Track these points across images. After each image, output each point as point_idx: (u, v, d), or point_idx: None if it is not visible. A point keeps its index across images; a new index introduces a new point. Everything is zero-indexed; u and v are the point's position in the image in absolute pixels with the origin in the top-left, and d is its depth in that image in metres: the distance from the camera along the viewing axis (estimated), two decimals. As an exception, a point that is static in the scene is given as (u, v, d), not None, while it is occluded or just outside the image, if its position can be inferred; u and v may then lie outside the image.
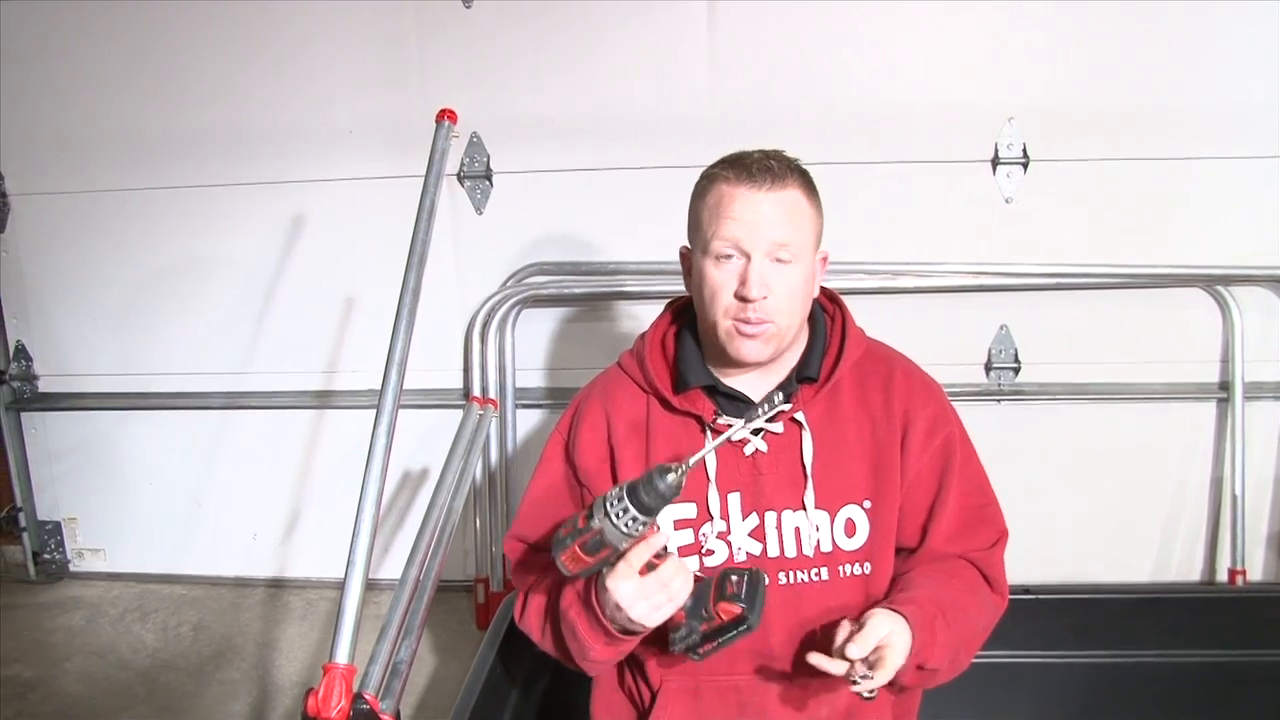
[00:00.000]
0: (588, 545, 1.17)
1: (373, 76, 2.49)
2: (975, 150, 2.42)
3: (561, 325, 2.61)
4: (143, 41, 2.53)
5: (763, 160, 1.34)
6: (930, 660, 1.30)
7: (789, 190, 1.33)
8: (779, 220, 1.32)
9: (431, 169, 1.69)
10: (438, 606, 2.67)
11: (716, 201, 1.35)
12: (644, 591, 1.21)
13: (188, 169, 2.60)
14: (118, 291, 2.72)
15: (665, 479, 1.13)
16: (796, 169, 1.37)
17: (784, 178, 1.33)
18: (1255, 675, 2.05)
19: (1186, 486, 2.56)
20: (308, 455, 2.76)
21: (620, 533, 1.15)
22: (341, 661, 1.31)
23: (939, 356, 2.46)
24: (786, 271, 1.34)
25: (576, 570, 1.20)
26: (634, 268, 2.49)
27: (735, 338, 1.35)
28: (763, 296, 1.31)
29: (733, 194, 1.33)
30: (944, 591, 1.37)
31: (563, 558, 1.19)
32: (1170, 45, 2.33)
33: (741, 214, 1.32)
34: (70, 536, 2.90)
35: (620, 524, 1.14)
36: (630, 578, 1.21)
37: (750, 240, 1.31)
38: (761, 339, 1.35)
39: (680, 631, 1.24)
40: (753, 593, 1.22)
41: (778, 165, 1.34)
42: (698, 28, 2.39)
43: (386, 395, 1.47)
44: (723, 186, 1.35)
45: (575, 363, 2.58)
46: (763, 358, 1.37)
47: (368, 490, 1.40)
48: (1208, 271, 2.42)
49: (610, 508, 1.14)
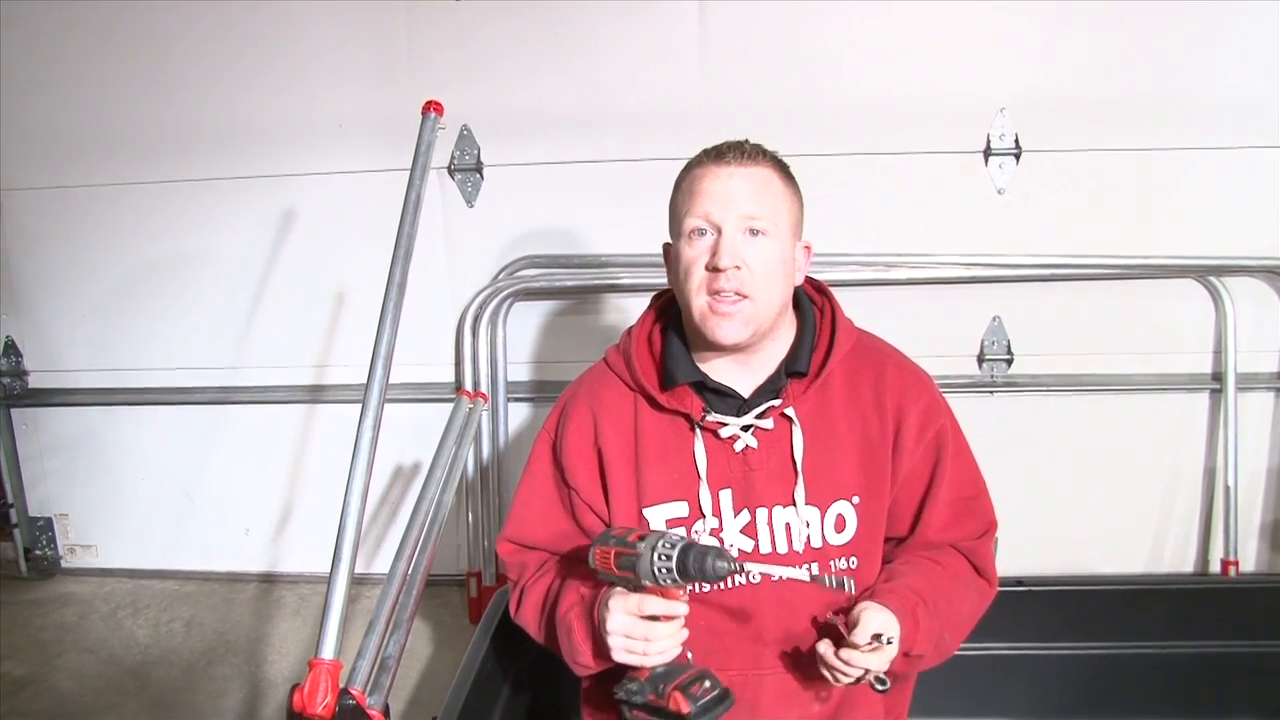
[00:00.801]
0: (623, 559, 1.19)
1: (362, 70, 2.48)
2: (967, 141, 2.41)
3: (553, 318, 2.60)
4: (133, 38, 2.52)
5: (737, 143, 1.37)
6: (915, 647, 1.31)
7: (760, 166, 1.35)
8: (749, 193, 1.33)
9: (417, 162, 1.67)
10: (431, 600, 2.68)
11: (689, 183, 1.37)
12: (629, 629, 1.23)
13: (179, 164, 2.59)
14: (108, 287, 2.71)
15: (717, 565, 1.14)
16: (770, 154, 1.38)
17: (755, 157, 1.36)
18: (1248, 666, 2.05)
19: (1180, 477, 2.56)
20: (300, 450, 2.75)
21: (651, 574, 1.16)
22: (327, 657, 1.30)
23: (931, 348, 2.48)
24: (760, 245, 1.34)
25: (600, 569, 1.22)
26: (625, 260, 2.49)
27: (710, 317, 1.34)
28: (734, 265, 1.31)
29: (703, 173, 1.36)
30: (926, 580, 1.38)
31: (598, 551, 1.22)
32: (1162, 36, 2.32)
33: (711, 188, 1.34)
34: (62, 533, 2.89)
35: (656, 568, 1.16)
36: (629, 613, 1.23)
37: (720, 213, 1.33)
38: (738, 319, 1.34)
39: (632, 686, 1.25)
40: (710, 707, 1.22)
41: (750, 147, 1.37)
42: (688, 19, 2.38)
43: (372, 390, 1.46)
44: (695, 170, 1.37)
45: (567, 355, 2.57)
46: (741, 339, 1.36)
47: (353, 485, 1.39)
48: (1201, 262, 2.41)
49: (659, 548, 1.16)
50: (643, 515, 1.42)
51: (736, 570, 1.15)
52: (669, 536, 1.17)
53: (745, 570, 1.17)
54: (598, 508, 1.46)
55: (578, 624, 1.33)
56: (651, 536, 1.17)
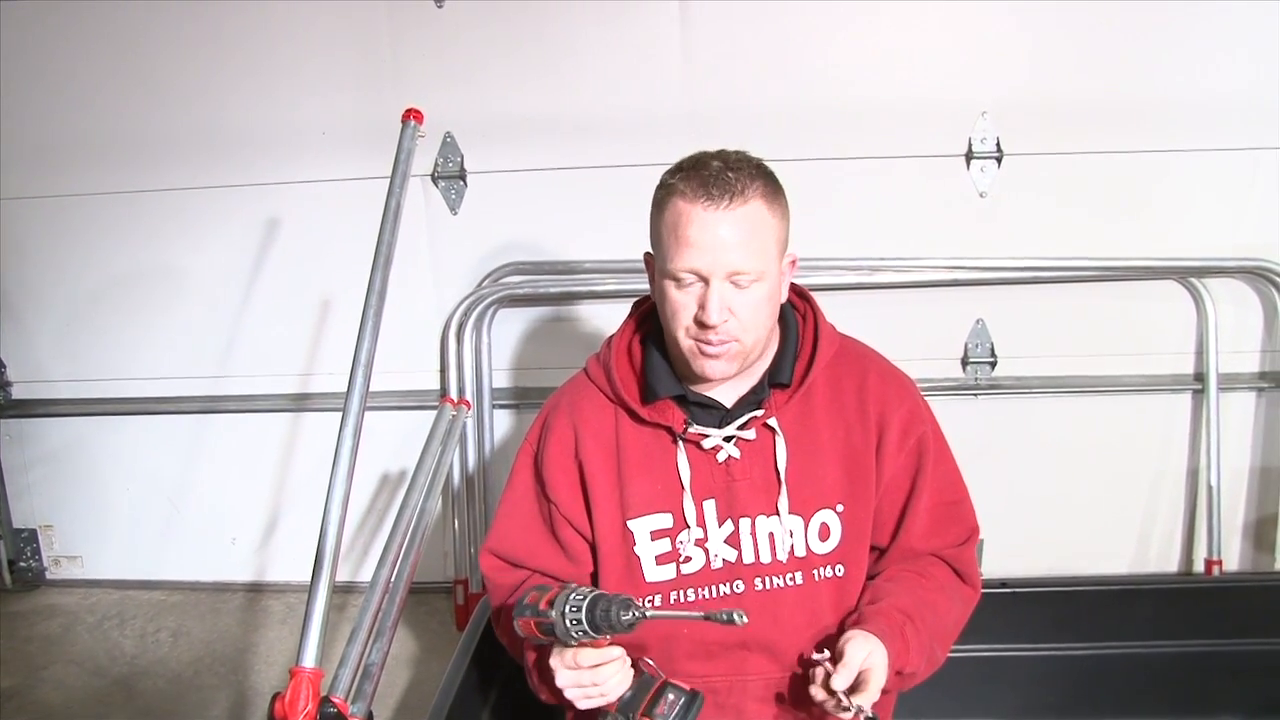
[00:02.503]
0: (542, 627, 1.19)
1: (345, 78, 2.48)
2: (949, 145, 2.42)
3: (539, 325, 2.60)
4: (116, 46, 2.51)
5: (720, 172, 1.27)
6: (907, 666, 1.32)
7: (749, 205, 1.27)
8: (737, 244, 1.26)
9: (397, 170, 1.67)
10: (419, 608, 2.68)
11: (674, 221, 1.28)
12: (578, 681, 1.23)
13: (162, 172, 2.58)
14: (92, 296, 2.70)
15: (624, 615, 1.14)
16: (757, 175, 1.29)
17: (743, 192, 1.26)
18: (1232, 664, 2.05)
19: (1163, 478, 2.58)
20: (286, 458, 2.75)
21: (568, 634, 1.17)
22: (308, 665, 1.30)
23: (915, 351, 2.49)
24: (749, 293, 1.29)
25: (527, 636, 1.23)
26: (610, 266, 2.49)
27: (698, 357, 1.33)
28: (723, 321, 1.28)
29: (689, 214, 1.26)
30: (912, 596, 1.38)
31: (519, 622, 1.22)
32: (1143, 38, 2.33)
33: (699, 239, 1.26)
34: (47, 544, 2.88)
35: (571, 629, 1.16)
36: (571, 669, 1.23)
37: (709, 267, 1.26)
38: (725, 359, 1.33)
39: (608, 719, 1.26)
40: (681, 717, 1.23)
41: (735, 177, 1.26)
42: (671, 25, 2.39)
43: (352, 398, 1.46)
44: (679, 204, 1.28)
45: (553, 362, 2.57)
46: (728, 374, 1.36)
47: (334, 493, 1.39)
48: (1182, 264, 2.42)
49: (568, 613, 1.16)
50: (627, 528, 1.41)
51: (642, 618, 1.14)
52: (574, 597, 1.17)
53: (650, 617, 1.15)
54: (577, 522, 1.45)
55: (533, 665, 1.36)
56: (559, 600, 1.17)
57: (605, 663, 1.22)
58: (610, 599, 1.15)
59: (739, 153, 1.33)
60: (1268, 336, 2.49)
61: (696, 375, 1.36)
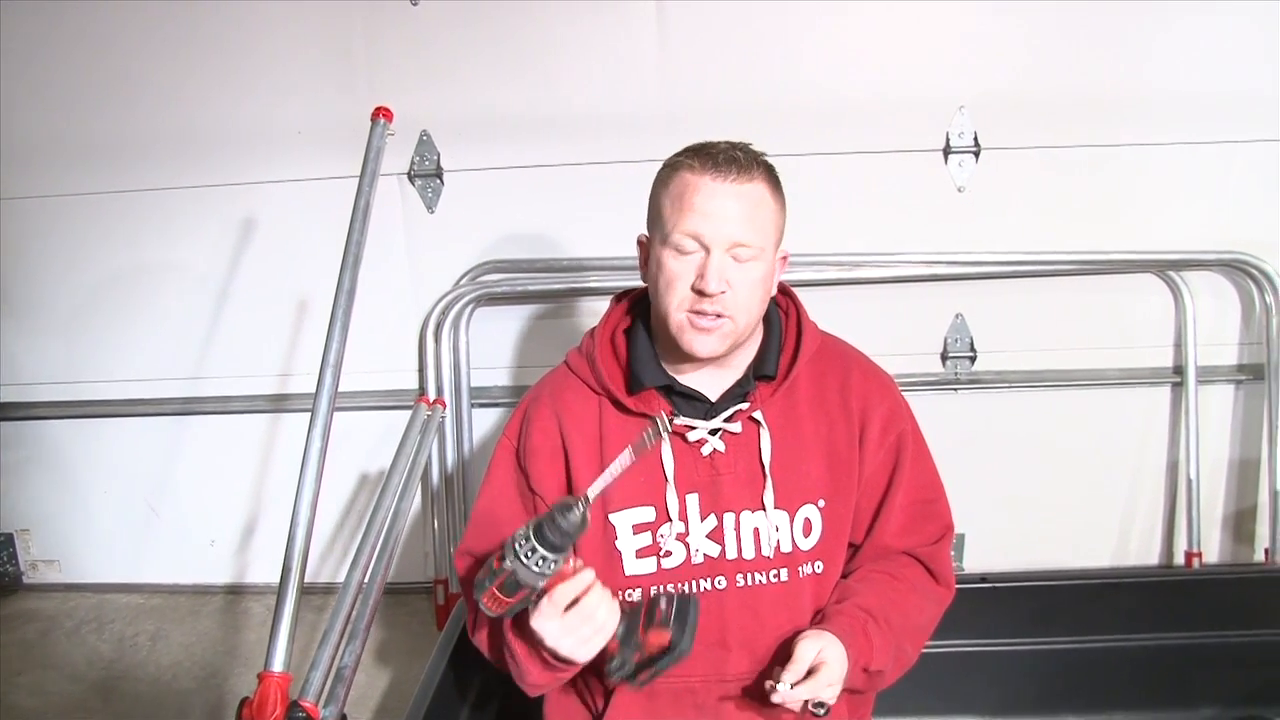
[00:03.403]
0: (504, 586, 1.15)
1: (320, 76, 2.46)
2: (927, 139, 2.42)
3: (517, 323, 2.59)
4: (90, 46, 2.48)
5: (729, 150, 1.31)
6: (873, 663, 1.32)
7: (754, 183, 1.30)
8: (742, 217, 1.29)
9: (366, 169, 1.66)
10: (399, 609, 2.67)
11: (680, 191, 1.31)
12: (568, 628, 1.20)
13: (138, 173, 2.56)
14: (67, 299, 2.67)
15: (568, 516, 1.11)
16: (763, 163, 1.34)
17: (750, 170, 1.30)
18: (1213, 657, 2.07)
19: (1143, 471, 2.58)
20: (264, 459, 2.73)
21: (533, 572, 1.13)
22: (277, 669, 1.29)
23: (895, 347, 2.49)
24: (746, 268, 1.31)
25: (499, 611, 1.18)
26: (589, 263, 2.48)
27: (688, 330, 1.33)
28: (721, 291, 1.29)
29: (696, 184, 1.29)
30: (878, 595, 1.38)
31: (483, 600, 1.17)
32: (1120, 33, 2.33)
33: (704, 206, 1.29)
34: (24, 548, 2.85)
35: (530, 563, 1.12)
36: (554, 617, 1.19)
37: (712, 235, 1.29)
38: (717, 335, 1.33)
39: (615, 661, 1.22)
40: (682, 618, 1.21)
41: (744, 157, 1.31)
42: (647, 21, 2.38)
43: (321, 398, 1.46)
44: (686, 175, 1.31)
45: (532, 360, 2.57)
46: (716, 353, 1.35)
47: (302, 495, 1.38)
48: (1160, 257, 2.43)
49: (519, 548, 1.12)
50: (609, 520, 1.40)
51: (587, 504, 1.12)
52: (517, 535, 1.14)
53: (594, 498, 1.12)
54: None
55: (519, 647, 1.31)
56: (505, 549, 1.14)
57: (583, 593, 1.20)
58: (549, 511, 1.12)
59: (745, 143, 1.35)
60: (1245, 329, 2.49)
61: (684, 354, 1.36)
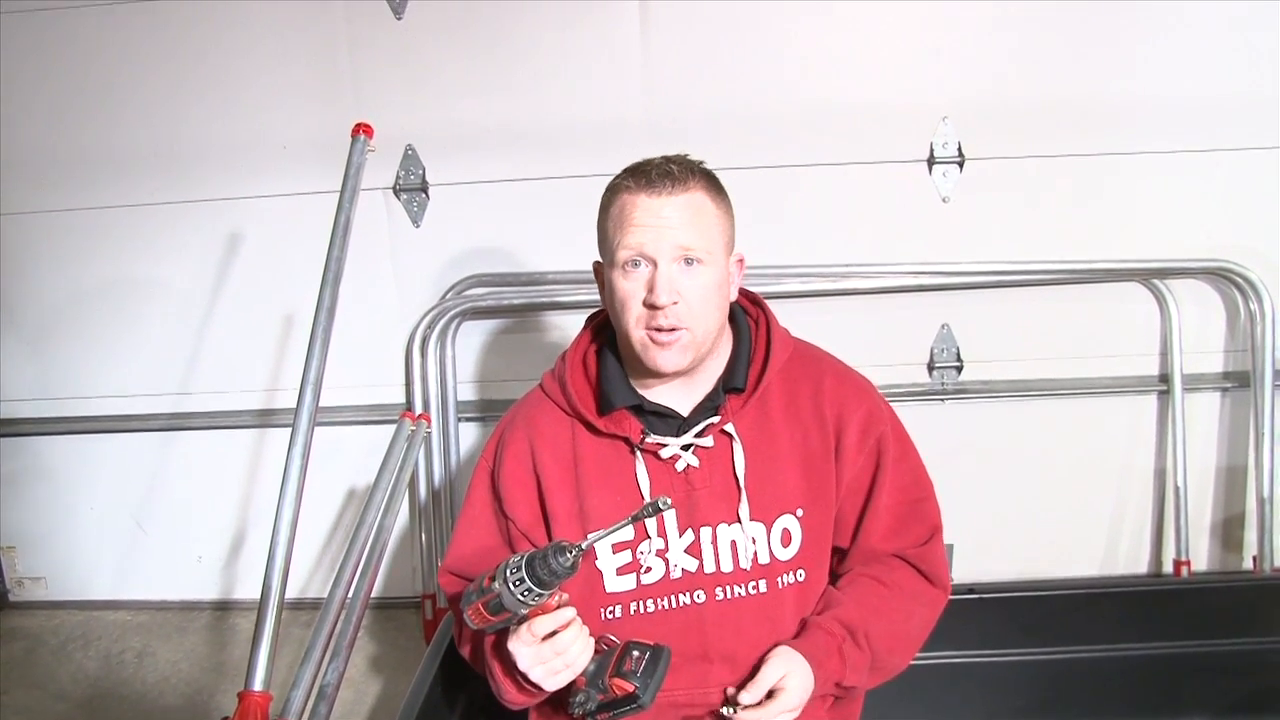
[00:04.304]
0: (489, 605, 1.17)
1: (305, 91, 2.46)
2: (911, 150, 2.42)
3: (504, 337, 2.59)
4: (74, 61, 2.47)
5: (663, 165, 1.32)
6: (846, 679, 1.33)
7: (691, 193, 1.32)
8: (683, 223, 1.31)
9: (346, 185, 1.66)
10: (387, 624, 2.66)
11: (620, 211, 1.33)
12: (541, 657, 1.21)
13: (123, 189, 2.55)
14: (52, 314, 2.66)
15: (561, 559, 1.12)
16: (700, 171, 1.35)
17: (685, 181, 1.31)
18: (1202, 665, 2.06)
19: (1131, 479, 2.58)
20: (251, 475, 2.72)
21: (516, 600, 1.15)
22: (257, 688, 1.29)
23: (881, 357, 2.49)
24: (696, 274, 1.32)
25: (481, 626, 1.21)
26: (574, 277, 2.47)
27: (650, 348, 1.33)
28: (672, 302, 1.30)
29: (634, 202, 1.31)
30: (861, 607, 1.38)
31: (468, 612, 1.20)
32: (1102, 42, 2.34)
33: (644, 219, 1.30)
34: (9, 565, 2.84)
35: (516, 593, 1.14)
36: (530, 644, 1.21)
37: (654, 245, 1.30)
38: (676, 348, 1.33)
39: (580, 696, 1.25)
40: (650, 671, 1.23)
41: (678, 169, 1.32)
42: (630, 34, 2.38)
43: (301, 415, 1.45)
44: (624, 196, 1.33)
45: (519, 374, 2.56)
46: (681, 366, 1.35)
47: (282, 512, 1.38)
48: (1145, 265, 2.43)
49: (509, 575, 1.15)
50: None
51: (581, 552, 1.13)
52: (511, 562, 1.16)
53: (588, 548, 1.14)
54: (535, 537, 1.44)
55: (496, 664, 1.32)
56: (499, 571, 1.17)
57: (562, 628, 1.21)
58: (545, 549, 1.14)
59: (680, 155, 1.36)
60: (1230, 336, 2.50)
61: (650, 371, 1.36)
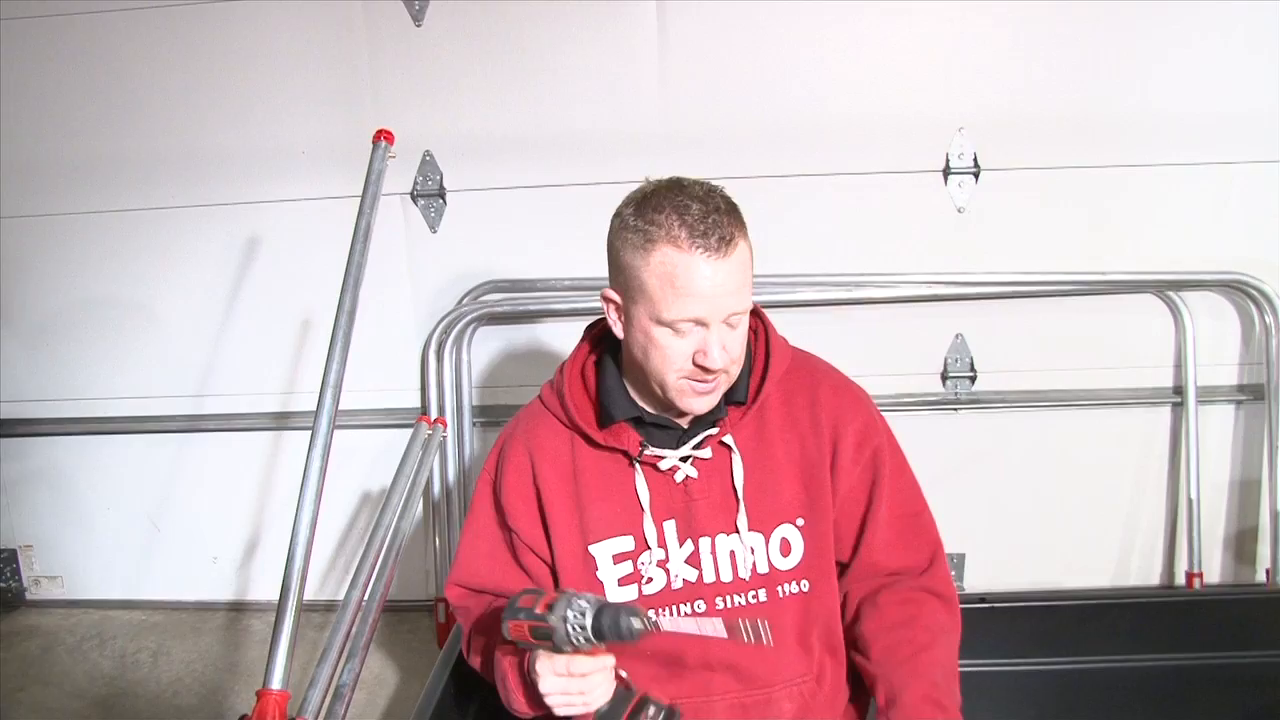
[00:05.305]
0: (536, 631, 1.18)
1: (325, 96, 2.48)
2: (927, 160, 2.43)
3: (519, 342, 2.60)
4: (93, 65, 2.50)
5: (705, 216, 1.24)
6: None
7: (738, 247, 1.26)
8: (736, 287, 1.27)
9: (368, 190, 1.68)
10: (400, 626, 2.67)
11: (668, 272, 1.24)
12: (563, 686, 1.22)
13: (142, 192, 2.58)
14: (72, 316, 2.69)
15: (631, 623, 1.13)
16: (732, 207, 1.29)
17: (732, 235, 1.25)
18: (1213, 677, 2.04)
19: (1144, 491, 2.58)
20: (267, 477, 2.74)
21: (568, 639, 1.16)
22: (275, 686, 1.30)
23: (895, 367, 2.50)
24: (739, 324, 1.31)
25: (516, 639, 1.21)
26: (590, 283, 2.48)
27: (688, 394, 1.32)
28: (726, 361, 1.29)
29: (687, 265, 1.23)
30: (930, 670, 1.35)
31: (509, 624, 1.20)
32: (1119, 55, 2.34)
33: (701, 289, 1.24)
34: (26, 564, 2.86)
35: (572, 634, 1.15)
36: (561, 675, 1.22)
37: (711, 314, 1.26)
38: (715, 392, 1.33)
39: None
40: None
41: (725, 220, 1.25)
42: (649, 43, 2.40)
43: (321, 418, 1.47)
44: (671, 253, 1.24)
45: (534, 380, 2.52)
46: (713, 406, 1.35)
47: (302, 514, 1.39)
48: (1159, 277, 2.43)
49: (571, 617, 1.15)
50: (589, 552, 1.41)
51: (651, 629, 1.14)
52: (577, 603, 1.16)
53: (658, 628, 1.15)
54: (539, 549, 1.45)
55: (511, 673, 1.33)
56: (560, 604, 1.17)
57: (595, 671, 1.21)
58: (618, 607, 1.15)
59: (706, 187, 1.30)
60: (1245, 349, 2.49)
61: (672, 406, 1.36)
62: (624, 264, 1.30)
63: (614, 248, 1.32)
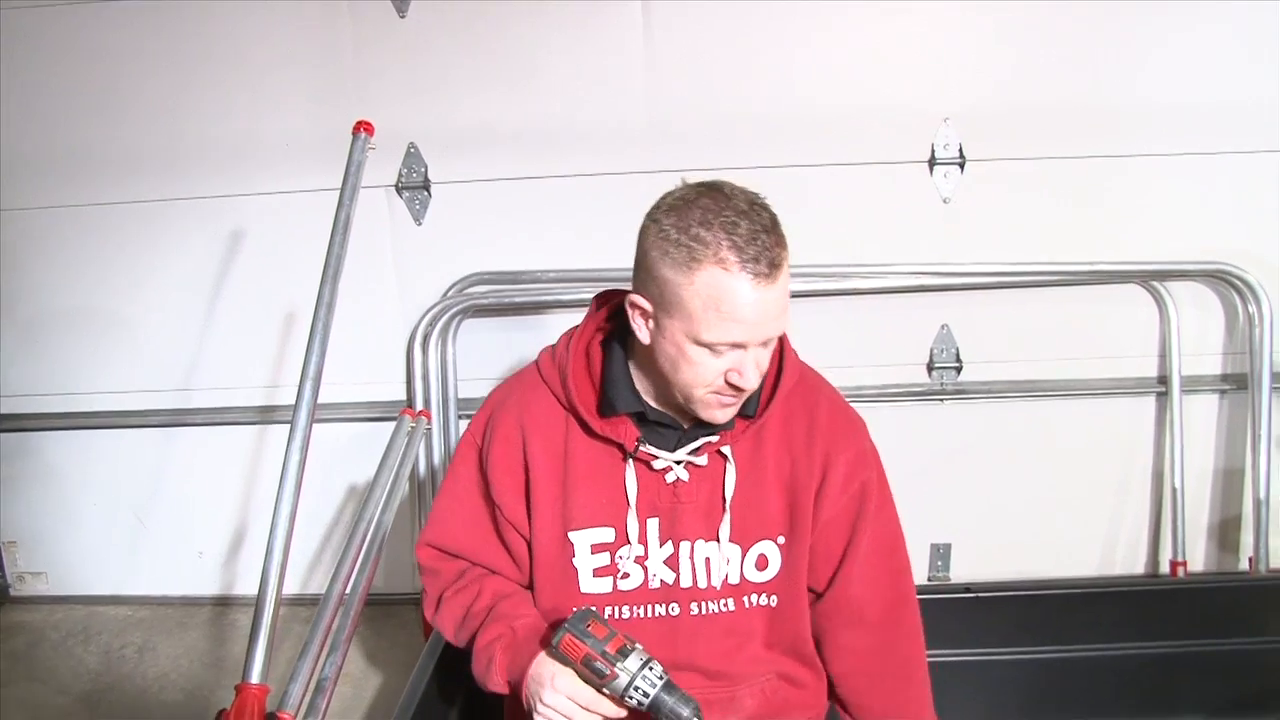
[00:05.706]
0: (595, 666, 1.19)
1: (308, 88, 2.47)
2: (912, 151, 2.43)
3: (505, 334, 2.59)
4: (77, 59, 2.48)
5: (755, 237, 1.17)
6: None
7: (784, 270, 1.20)
8: (779, 313, 1.22)
9: (347, 183, 1.67)
10: (387, 620, 2.67)
11: (713, 296, 1.18)
12: (566, 711, 1.22)
13: (126, 185, 2.56)
14: (54, 310, 2.67)
15: (682, 713, 1.17)
16: (778, 228, 1.22)
17: (779, 259, 1.19)
18: (1198, 665, 2.06)
19: (1129, 480, 2.59)
20: (252, 471, 2.73)
21: (620, 692, 1.18)
22: (254, 680, 1.30)
23: (881, 357, 2.50)
24: (770, 345, 1.28)
25: (564, 653, 1.21)
26: (575, 275, 2.48)
27: (712, 407, 1.29)
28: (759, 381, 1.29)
29: (733, 291, 1.17)
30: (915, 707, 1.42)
31: (569, 639, 1.20)
32: (1104, 45, 2.35)
33: (745, 315, 1.19)
34: (11, 560, 2.85)
35: (629, 691, 1.18)
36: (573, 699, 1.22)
37: (752, 338, 1.22)
38: (737, 405, 1.31)
39: None
40: None
41: (771, 241, 1.18)
42: (635, 34, 2.39)
43: (300, 412, 1.46)
44: (718, 275, 1.17)
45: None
46: (732, 416, 1.34)
47: (281, 507, 1.39)
48: (1144, 267, 2.44)
49: (640, 677, 1.18)
50: (568, 538, 1.39)
51: None
52: (654, 668, 1.19)
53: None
54: (521, 527, 1.43)
55: (500, 656, 1.31)
56: (633, 658, 1.19)
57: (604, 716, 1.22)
58: (682, 694, 1.18)
59: (749, 197, 1.23)
60: (1229, 339, 2.51)
61: (689, 415, 1.33)
62: (661, 277, 1.22)
63: (649, 256, 1.23)
